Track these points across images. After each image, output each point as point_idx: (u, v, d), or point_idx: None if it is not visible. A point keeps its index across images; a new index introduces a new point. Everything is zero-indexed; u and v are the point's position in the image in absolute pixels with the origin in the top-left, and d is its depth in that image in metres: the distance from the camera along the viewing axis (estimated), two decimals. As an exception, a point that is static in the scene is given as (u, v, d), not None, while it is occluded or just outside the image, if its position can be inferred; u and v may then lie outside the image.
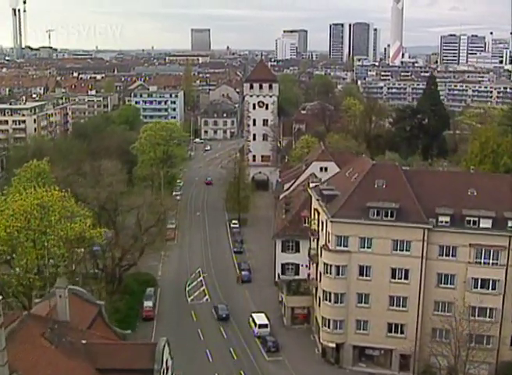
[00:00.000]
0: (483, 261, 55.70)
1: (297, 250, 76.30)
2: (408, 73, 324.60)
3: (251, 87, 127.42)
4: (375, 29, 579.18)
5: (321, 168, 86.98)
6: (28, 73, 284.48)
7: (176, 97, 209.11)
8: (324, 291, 59.99)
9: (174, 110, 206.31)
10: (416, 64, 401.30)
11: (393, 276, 57.59)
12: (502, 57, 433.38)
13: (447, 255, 56.43)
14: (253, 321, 67.43)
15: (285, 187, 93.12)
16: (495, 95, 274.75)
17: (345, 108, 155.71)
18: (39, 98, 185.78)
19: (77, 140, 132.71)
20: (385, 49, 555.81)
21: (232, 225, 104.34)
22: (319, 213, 64.07)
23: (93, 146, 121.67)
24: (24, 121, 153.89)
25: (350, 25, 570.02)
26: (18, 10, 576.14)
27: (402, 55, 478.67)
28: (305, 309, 69.15)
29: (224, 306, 72.39)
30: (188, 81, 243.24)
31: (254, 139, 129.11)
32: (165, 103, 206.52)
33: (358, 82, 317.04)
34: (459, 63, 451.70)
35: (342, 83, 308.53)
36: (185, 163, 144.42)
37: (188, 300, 75.99)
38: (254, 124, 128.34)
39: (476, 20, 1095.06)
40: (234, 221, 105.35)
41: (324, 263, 59.64)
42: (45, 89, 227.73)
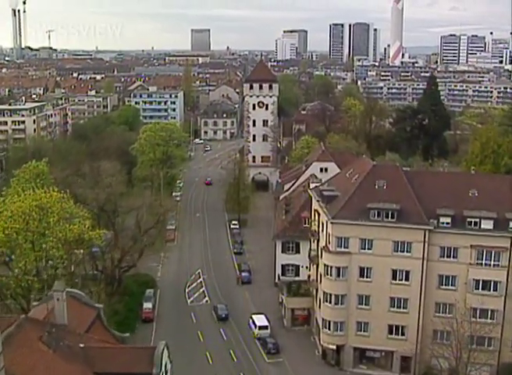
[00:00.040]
0: (484, 262, 55.41)
1: (297, 251, 76.01)
2: (408, 74, 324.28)
3: (251, 88, 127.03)
4: (375, 29, 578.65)
5: (321, 169, 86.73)
6: (28, 74, 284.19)
7: (176, 97, 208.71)
8: (324, 293, 59.70)
9: (174, 110, 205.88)
10: (416, 64, 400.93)
11: (394, 277, 57.32)
12: (502, 57, 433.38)
13: (448, 257, 56.17)
14: (253, 322, 67.15)
15: (285, 188, 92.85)
16: (495, 95, 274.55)
17: (345, 108, 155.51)
18: (38, 99, 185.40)
19: (77, 140, 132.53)
20: (385, 49, 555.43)
21: (232, 226, 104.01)
22: (319, 214, 63.78)
23: (92, 147, 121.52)
24: (24, 122, 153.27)
25: (350, 25, 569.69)
26: (18, 11, 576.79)
27: (402, 56, 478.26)
28: (305, 311, 68.85)
29: (223, 306, 72.31)
30: (188, 82, 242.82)
31: (254, 140, 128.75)
32: (165, 103, 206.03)
33: (358, 82, 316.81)
34: (459, 63, 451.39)
35: (342, 83, 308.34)
36: (185, 164, 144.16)
37: (188, 301, 75.76)
38: (254, 125, 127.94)
39: (476, 20, 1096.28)
40: (234, 222, 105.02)
41: (324, 265, 59.37)
42: (45, 89, 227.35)
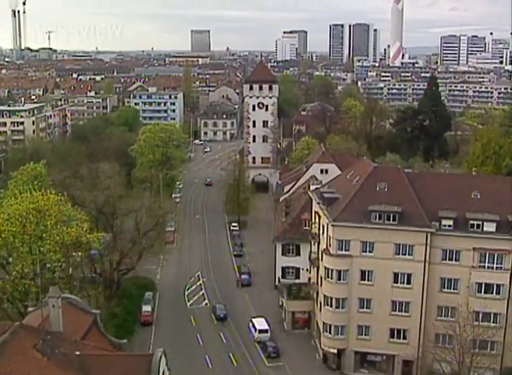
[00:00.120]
0: (487, 265, 54.72)
1: (298, 253, 75.43)
2: (408, 74, 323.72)
3: (251, 88, 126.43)
4: (375, 29, 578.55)
5: (321, 170, 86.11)
6: (27, 75, 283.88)
7: (176, 98, 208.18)
8: (325, 296, 59.06)
9: (173, 111, 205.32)
10: (416, 65, 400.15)
11: (396, 280, 56.66)
12: (502, 57, 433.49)
13: (450, 260, 55.48)
14: (253, 326, 66.50)
15: (285, 190, 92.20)
16: (495, 96, 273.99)
17: (345, 109, 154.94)
18: (38, 100, 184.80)
19: (76, 142, 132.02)
20: (385, 50, 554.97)
21: (231, 228, 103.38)
22: (320, 217, 63.12)
23: (91, 148, 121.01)
24: (23, 123, 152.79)
25: (350, 26, 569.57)
26: (18, 11, 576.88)
27: (402, 56, 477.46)
28: (306, 314, 68.19)
29: (222, 306, 72.22)
30: (188, 82, 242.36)
31: (254, 141, 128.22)
32: (165, 104, 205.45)
33: (358, 83, 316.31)
34: (459, 64, 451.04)
35: (342, 84, 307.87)
36: (184, 165, 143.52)
37: (187, 304, 75.13)
38: (254, 126, 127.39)
39: (476, 21, 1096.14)
40: (234, 224, 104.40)
41: (325, 268, 58.72)
42: (44, 90, 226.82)
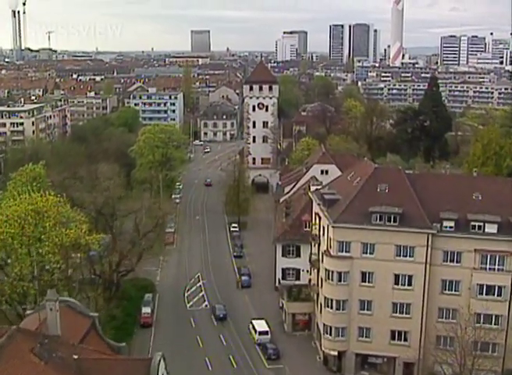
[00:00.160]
0: (488, 267, 54.36)
1: (298, 255, 75.07)
2: (409, 74, 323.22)
3: (251, 89, 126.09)
4: (375, 30, 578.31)
5: (321, 171, 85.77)
6: (27, 75, 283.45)
7: (176, 99, 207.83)
8: (325, 298, 58.71)
9: (173, 112, 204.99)
10: (416, 65, 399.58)
11: (396, 282, 56.29)
12: (502, 58, 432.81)
13: (452, 261, 55.10)
14: (253, 328, 66.14)
15: (285, 191, 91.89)
16: (496, 96, 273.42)
17: (346, 109, 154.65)
18: (37, 100, 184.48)
19: (75, 142, 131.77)
20: (385, 50, 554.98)
21: (231, 229, 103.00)
22: (320, 218, 62.79)
23: (91, 149, 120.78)
24: (22, 123, 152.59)
25: (350, 26, 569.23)
26: (18, 12, 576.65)
27: (402, 56, 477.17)
28: (306, 316, 67.84)
29: (221, 306, 72.20)
30: (188, 83, 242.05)
31: (254, 141, 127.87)
32: (165, 105, 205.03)
33: (358, 83, 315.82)
34: (459, 64, 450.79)
35: (342, 84, 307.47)
36: (184, 166, 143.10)
37: (187, 306, 74.75)
38: (254, 126, 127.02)
39: (476, 21, 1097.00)
40: (234, 225, 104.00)
41: (325, 269, 58.37)
42: (44, 91, 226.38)
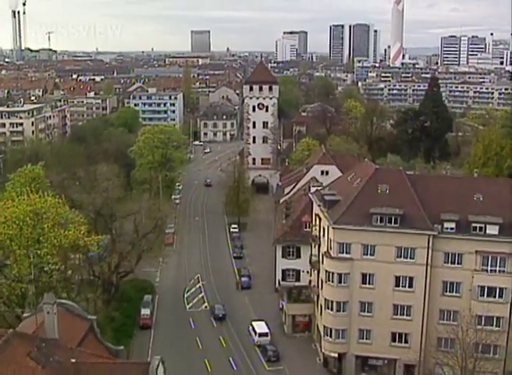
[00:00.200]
0: (490, 268, 54.08)
1: (298, 256, 74.73)
2: (409, 75, 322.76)
3: (251, 89, 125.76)
4: (375, 30, 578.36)
5: (322, 171, 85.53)
6: (27, 75, 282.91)
7: (176, 99, 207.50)
8: (326, 300, 58.37)
9: (173, 112, 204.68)
10: (416, 65, 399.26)
11: (397, 284, 55.98)
12: (502, 58, 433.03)
13: (453, 263, 54.79)
14: (253, 329, 65.82)
15: (285, 191, 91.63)
16: (496, 96, 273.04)
17: (346, 110, 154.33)
18: (37, 101, 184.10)
19: (75, 143, 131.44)
20: (385, 50, 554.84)
21: (231, 229, 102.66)
22: (321, 219, 62.46)
23: (91, 149, 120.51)
24: (22, 124, 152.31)
25: (351, 26, 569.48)
26: (18, 12, 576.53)
27: (402, 57, 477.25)
28: (306, 317, 67.51)
29: (220, 306, 72.22)
30: (187, 83, 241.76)
31: (254, 142, 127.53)
32: (165, 105, 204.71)
33: (359, 83, 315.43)
34: (459, 64, 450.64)
35: (342, 84, 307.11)
36: (184, 166, 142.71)
37: (186, 307, 74.44)
38: (254, 127, 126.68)
39: (476, 21, 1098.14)
40: (234, 225, 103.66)
41: (326, 271, 58.03)
42: (44, 91, 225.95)
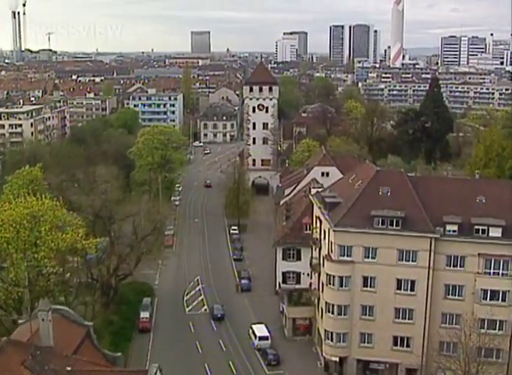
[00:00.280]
0: (492, 271, 53.43)
1: (299, 258, 74.03)
2: (409, 75, 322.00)
3: (251, 90, 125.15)
4: (376, 31, 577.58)
5: (322, 173, 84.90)
6: (27, 76, 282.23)
7: (175, 100, 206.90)
8: (326, 303, 57.74)
9: (173, 113, 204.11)
10: (417, 66, 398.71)
11: (399, 287, 55.40)
12: (503, 58, 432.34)
13: (455, 266, 54.19)
14: (253, 333, 65.17)
15: (285, 193, 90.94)
16: (497, 97, 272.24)
17: (346, 110, 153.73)
18: (37, 102, 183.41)
19: (74, 144, 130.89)
20: (385, 51, 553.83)
21: (231, 231, 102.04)
22: (321, 221, 61.83)
23: (90, 151, 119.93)
24: (21, 125, 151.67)
25: (351, 27, 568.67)
26: (18, 13, 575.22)
27: (402, 57, 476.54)
28: (307, 320, 66.83)
29: (219, 306, 71.99)
30: (187, 84, 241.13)
31: (254, 143, 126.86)
32: (164, 106, 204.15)
33: (359, 84, 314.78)
34: (459, 65, 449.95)
35: (342, 85, 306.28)
36: (184, 167, 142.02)
37: (186, 310, 73.82)
38: (254, 128, 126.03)
39: (476, 22, 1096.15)
40: (234, 227, 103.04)
41: (326, 274, 57.39)
42: (43, 92, 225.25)
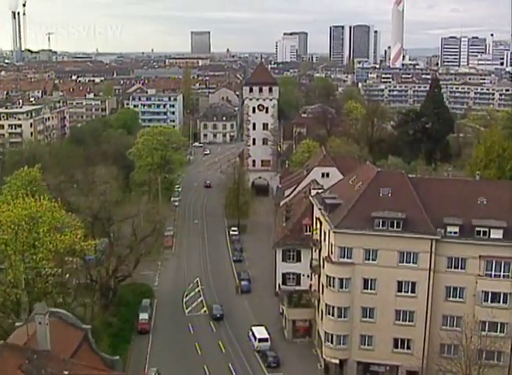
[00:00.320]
0: (494, 273, 53.14)
1: (299, 259, 73.72)
2: (409, 76, 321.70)
3: (251, 91, 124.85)
4: (376, 31, 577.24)
5: (322, 174, 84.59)
6: (26, 76, 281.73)
7: (175, 100, 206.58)
8: (327, 305, 57.40)
9: (173, 113, 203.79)
10: (417, 66, 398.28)
11: (399, 289, 55.07)
12: (503, 59, 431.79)
13: (456, 268, 53.88)
14: (253, 335, 64.86)
15: (285, 194, 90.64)
16: (497, 97, 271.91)
17: (346, 111, 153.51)
18: (36, 102, 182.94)
19: (74, 144, 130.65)
20: (385, 51, 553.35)
21: (231, 232, 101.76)
22: (321, 223, 61.50)
23: (89, 151, 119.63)
24: (20, 125, 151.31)
25: (351, 27, 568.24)
26: (18, 13, 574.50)
27: (403, 58, 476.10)
28: (307, 322, 66.54)
29: (218, 306, 71.98)
30: (187, 84, 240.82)
31: (254, 143, 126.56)
32: (164, 106, 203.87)
33: (359, 84, 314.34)
34: (460, 65, 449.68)
35: (342, 85, 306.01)
36: (183, 168, 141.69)
37: (185, 311, 73.50)
38: (254, 128, 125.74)
39: (477, 22, 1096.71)
40: (233, 228, 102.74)
41: (326, 276, 57.06)
42: (43, 92, 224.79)
